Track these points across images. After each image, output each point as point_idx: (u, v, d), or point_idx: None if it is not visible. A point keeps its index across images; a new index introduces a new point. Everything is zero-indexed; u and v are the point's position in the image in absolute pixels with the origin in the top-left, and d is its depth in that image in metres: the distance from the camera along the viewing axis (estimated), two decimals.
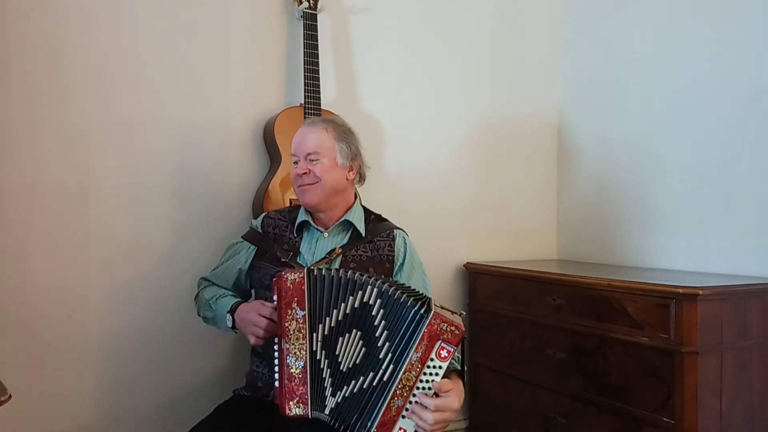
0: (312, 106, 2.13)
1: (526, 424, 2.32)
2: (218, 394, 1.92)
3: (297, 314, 1.42)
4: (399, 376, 1.36)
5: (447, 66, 2.66)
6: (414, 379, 1.36)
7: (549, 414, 2.20)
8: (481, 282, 2.59)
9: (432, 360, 1.35)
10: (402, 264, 1.72)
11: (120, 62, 2.06)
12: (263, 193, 2.13)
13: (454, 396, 1.37)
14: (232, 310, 1.64)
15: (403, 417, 1.37)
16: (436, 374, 1.36)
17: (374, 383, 1.38)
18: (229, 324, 1.64)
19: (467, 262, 2.65)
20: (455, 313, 1.44)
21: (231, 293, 1.77)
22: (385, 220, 1.81)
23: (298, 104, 2.19)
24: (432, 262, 2.52)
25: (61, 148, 1.99)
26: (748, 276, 2.05)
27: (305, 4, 2.19)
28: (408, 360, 1.36)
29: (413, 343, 1.36)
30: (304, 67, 2.15)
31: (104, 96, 2.04)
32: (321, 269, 1.45)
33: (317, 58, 2.17)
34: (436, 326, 1.35)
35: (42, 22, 1.96)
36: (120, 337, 2.07)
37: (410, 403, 1.37)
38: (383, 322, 1.39)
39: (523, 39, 2.83)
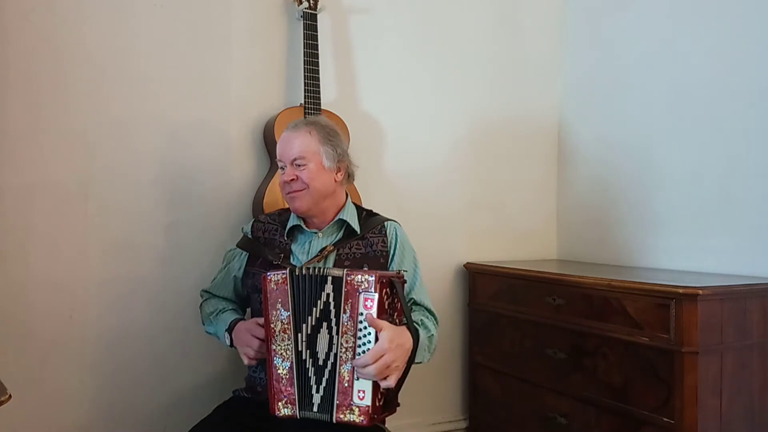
0: (312, 106, 2.13)
1: (526, 424, 2.32)
2: (218, 395, 1.92)
3: (281, 315, 1.44)
4: (340, 342, 1.40)
5: (447, 66, 2.65)
6: (353, 339, 1.39)
7: (549, 414, 2.20)
8: (481, 282, 2.59)
9: (361, 314, 1.39)
10: (393, 254, 1.72)
11: (120, 62, 2.06)
12: (263, 193, 2.13)
13: (385, 334, 1.38)
14: (230, 329, 1.66)
15: (357, 379, 1.39)
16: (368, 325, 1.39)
17: (332, 360, 1.42)
18: (228, 343, 1.66)
19: (467, 262, 2.65)
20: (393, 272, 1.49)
21: (230, 308, 1.78)
22: (377, 214, 1.80)
23: (298, 104, 2.19)
24: (432, 262, 2.54)
25: (61, 148, 1.99)
26: (748, 276, 2.05)
27: (305, 4, 2.19)
28: (342, 323, 1.40)
29: (341, 304, 1.40)
30: (304, 67, 2.15)
31: (104, 96, 2.04)
32: (302, 268, 1.47)
33: (317, 58, 2.17)
34: (352, 282, 1.40)
35: (42, 22, 1.96)
36: (120, 337, 2.07)
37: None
38: (333, 302, 1.43)
39: (523, 39, 2.83)
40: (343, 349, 1.39)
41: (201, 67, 2.18)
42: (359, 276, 1.40)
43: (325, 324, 1.43)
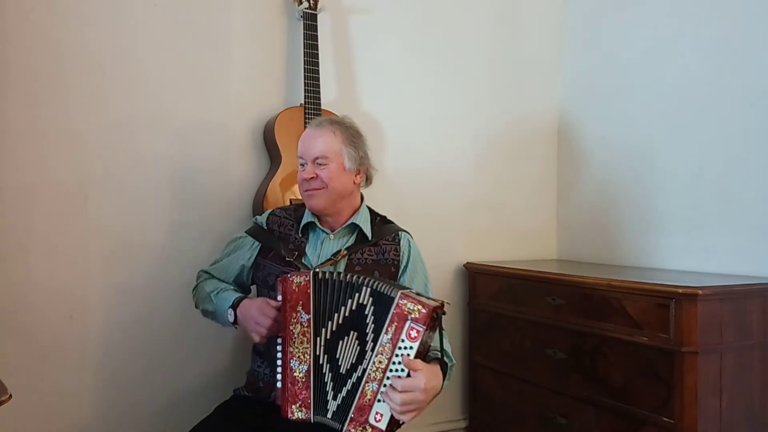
0: (312, 106, 2.14)
1: (526, 424, 2.32)
2: (219, 394, 1.92)
3: (302, 318, 1.43)
4: (373, 361, 1.37)
5: (447, 66, 2.66)
6: (386, 361, 1.37)
7: (549, 414, 2.20)
8: (481, 282, 2.59)
9: (403, 341, 1.36)
10: (405, 267, 1.72)
11: (120, 62, 2.06)
12: (263, 193, 2.13)
13: (422, 376, 1.36)
14: (234, 306, 1.62)
15: (379, 401, 1.37)
16: (407, 355, 1.36)
17: (359, 373, 1.40)
18: (231, 319, 1.62)
19: (467, 262, 2.65)
20: (437, 301, 1.44)
21: (232, 287, 1.75)
22: (391, 222, 1.80)
23: (299, 104, 2.19)
24: (432, 262, 2.51)
25: (61, 148, 1.99)
26: (748, 276, 2.05)
27: (305, 5, 2.19)
28: (379, 342, 1.37)
29: (384, 325, 1.37)
30: (304, 67, 2.15)
31: (104, 96, 2.04)
32: (325, 272, 1.45)
33: (317, 58, 2.17)
34: (403, 307, 1.36)
35: (42, 21, 1.96)
36: (120, 337, 2.07)
37: (384, 386, 1.37)
38: (372, 317, 1.41)
39: (523, 39, 2.83)
40: (374, 368, 1.37)
41: (201, 67, 2.18)
42: (412, 304, 1.36)
43: (354, 334, 1.41)
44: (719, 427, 1.79)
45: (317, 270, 1.50)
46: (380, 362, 1.37)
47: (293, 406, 1.42)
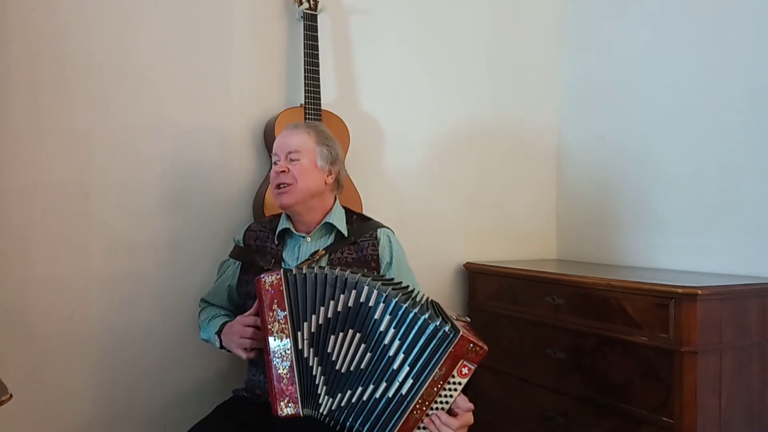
0: (312, 106, 2.14)
1: (525, 424, 2.33)
2: (218, 394, 1.92)
3: (278, 315, 1.43)
4: (421, 393, 1.36)
5: (447, 66, 2.66)
6: (434, 394, 1.36)
7: (548, 413, 2.20)
8: (480, 282, 2.59)
9: (453, 377, 1.36)
10: (390, 263, 1.73)
11: (120, 63, 2.06)
12: (264, 193, 2.13)
13: (471, 414, 1.40)
14: (219, 332, 1.67)
15: (419, 428, 1.38)
16: (455, 390, 1.37)
17: (390, 395, 1.37)
18: (217, 345, 1.68)
19: (467, 262, 2.65)
20: (461, 319, 1.44)
21: (223, 313, 1.79)
22: (369, 219, 1.82)
23: (299, 104, 2.20)
24: (432, 262, 2.54)
25: (62, 148, 1.99)
26: (747, 276, 2.05)
27: (305, 5, 2.19)
28: (432, 377, 1.35)
29: (439, 361, 1.35)
30: (305, 68, 2.15)
31: (105, 96, 2.04)
32: (302, 268, 1.46)
33: (317, 59, 2.17)
34: (463, 347, 1.35)
35: (43, 22, 1.96)
36: (121, 337, 2.08)
37: (427, 416, 1.37)
38: (392, 330, 1.38)
39: (523, 40, 2.83)
40: (421, 399, 1.37)
41: (201, 68, 2.18)
42: (472, 344, 1.36)
43: (357, 335, 1.39)
44: (718, 426, 1.79)
45: (290, 268, 1.50)
46: (429, 395, 1.36)
47: (281, 403, 1.42)
